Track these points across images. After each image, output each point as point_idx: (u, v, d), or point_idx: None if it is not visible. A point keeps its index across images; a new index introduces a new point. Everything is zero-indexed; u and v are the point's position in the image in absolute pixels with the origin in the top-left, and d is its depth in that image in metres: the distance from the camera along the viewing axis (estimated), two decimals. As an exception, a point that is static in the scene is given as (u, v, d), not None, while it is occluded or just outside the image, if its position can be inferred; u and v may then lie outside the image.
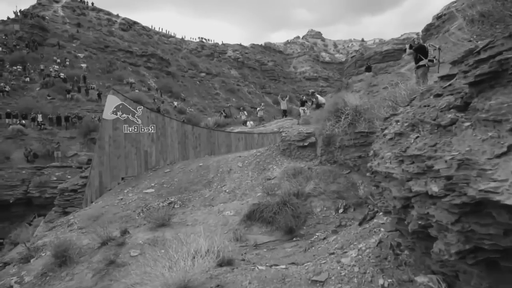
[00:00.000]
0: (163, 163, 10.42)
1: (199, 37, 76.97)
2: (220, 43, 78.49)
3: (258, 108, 21.51)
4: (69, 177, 19.41)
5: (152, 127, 10.44)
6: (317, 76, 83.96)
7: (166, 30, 72.84)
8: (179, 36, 75.33)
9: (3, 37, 40.67)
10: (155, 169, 10.13)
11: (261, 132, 13.02)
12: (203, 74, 60.62)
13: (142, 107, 10.45)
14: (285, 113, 19.32)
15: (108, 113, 9.98)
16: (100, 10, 57.90)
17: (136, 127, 10.24)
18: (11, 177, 18.89)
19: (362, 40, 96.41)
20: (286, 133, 8.66)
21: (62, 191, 10.13)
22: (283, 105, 18.73)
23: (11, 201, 18.07)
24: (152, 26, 68.63)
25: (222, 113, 22.68)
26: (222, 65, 70.80)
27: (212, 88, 58.83)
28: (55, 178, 19.20)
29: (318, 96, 10.91)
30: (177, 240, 3.75)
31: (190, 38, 76.63)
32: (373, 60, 56.08)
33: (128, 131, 10.14)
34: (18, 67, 33.94)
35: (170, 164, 10.34)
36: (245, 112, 19.57)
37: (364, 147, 5.81)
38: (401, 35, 67.29)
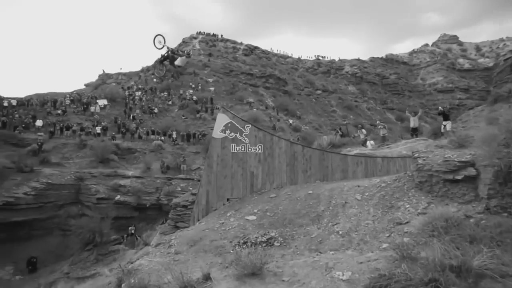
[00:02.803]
0: (269, 186, 9.54)
1: (315, 55, 77.05)
2: (336, 59, 76.27)
3: (379, 126, 18.64)
4: (190, 188, 21.31)
5: (260, 147, 9.78)
6: (453, 87, 70.63)
7: (283, 52, 75.98)
8: (295, 56, 77.26)
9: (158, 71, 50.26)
10: (261, 192, 9.34)
11: (386, 156, 10.68)
12: (319, 92, 59.64)
13: (250, 125, 9.96)
14: (414, 132, 15.99)
15: (217, 132, 9.90)
16: (227, 40, 65.30)
17: (243, 147, 9.79)
18: (149, 185, 22.04)
19: (520, 38, 76.53)
20: (424, 159, 6.39)
21: (175, 206, 10.55)
22: (414, 122, 15.50)
23: (147, 205, 20.99)
24: (271, 49, 72.79)
25: (337, 132, 20.77)
26: (339, 81, 68.23)
27: (328, 105, 57.01)
28: (179, 189, 21.42)
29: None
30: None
31: (307, 57, 77.58)
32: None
33: (235, 150, 9.78)
34: (164, 93, 41.06)
35: (276, 188, 9.37)
36: (363, 130, 17.18)
37: None
38: None
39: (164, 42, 8.25)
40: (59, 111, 30.20)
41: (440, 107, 13.90)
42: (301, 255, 5.14)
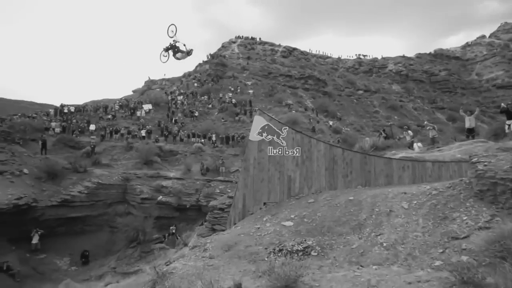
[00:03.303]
0: (307, 191, 9.18)
1: (356, 54, 74.09)
2: (379, 57, 72.65)
3: (427, 127, 17.13)
4: (229, 190, 21.53)
5: (297, 150, 9.47)
6: (516, 81, 63.54)
7: (323, 52, 74.21)
8: (335, 56, 74.99)
9: (198, 75, 52.18)
10: (298, 197, 9.02)
11: (437, 160, 9.72)
12: (360, 92, 57.30)
13: (287, 127, 9.70)
14: (470, 133, 14.46)
15: (254, 134, 9.79)
16: (265, 43, 65.47)
17: (280, 149, 9.55)
18: (189, 186, 22.65)
19: None
20: (485, 164, 5.64)
21: (212, 208, 10.62)
22: (469, 122, 14.04)
23: (187, 206, 21.57)
24: (309, 50, 71.54)
25: (381, 134, 19.54)
26: (382, 80, 64.96)
27: (370, 105, 54.53)
28: (218, 191, 21.72)
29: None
30: None
31: (347, 56, 74.84)
32: None
33: (272, 154, 9.58)
34: (205, 97, 42.22)
35: (314, 193, 8.99)
36: (409, 131, 15.91)
37: None
38: None
39: (175, 33, 8.57)
40: (109, 116, 32.53)
41: (502, 104, 12.41)
42: (340, 268, 4.77)
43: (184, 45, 8.43)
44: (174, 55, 8.50)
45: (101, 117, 32.17)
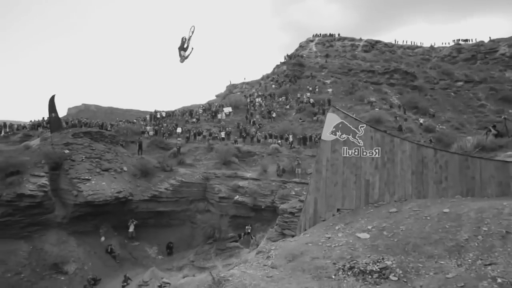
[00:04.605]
0: (389, 198, 7.90)
1: (453, 40, 63.67)
2: (485, 40, 61.03)
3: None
4: (304, 193, 20.74)
5: (377, 151, 8.25)
6: None
7: (411, 42, 66.25)
8: (427, 44, 66.06)
9: (276, 77, 52.65)
10: (377, 205, 7.83)
11: None
12: (460, 83, 49.29)
13: (364, 125, 8.55)
14: None
15: (327, 133, 8.92)
16: (344, 39, 61.98)
17: (356, 150, 8.47)
18: (265, 187, 22.67)
19: None
20: None
21: (282, 212, 10.13)
22: None
23: (262, 207, 21.60)
24: (395, 41, 64.83)
25: (490, 130, 15.95)
26: (490, 67, 54.61)
27: (473, 99, 46.42)
28: (293, 193, 21.13)
29: None
30: None
31: (442, 43, 65.06)
32: None
33: (347, 155, 8.57)
34: (282, 98, 42.26)
35: (397, 201, 7.67)
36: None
37: None
38: None
39: (192, 33, 9.39)
40: (194, 120, 35.29)
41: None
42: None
43: (192, 48, 9.10)
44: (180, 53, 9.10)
45: (187, 121, 35.13)
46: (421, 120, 34.99)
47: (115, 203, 19.05)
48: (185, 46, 9.32)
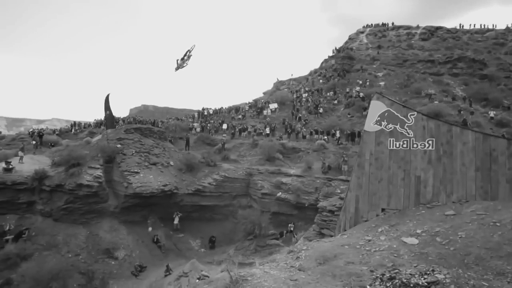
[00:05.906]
0: (445, 198, 6.72)
1: (537, 21, 54.61)
2: None
3: None
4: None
5: (430, 142, 7.09)
6: None
7: (480, 25, 58.70)
8: (501, 27, 57.79)
9: (324, 71, 50.74)
10: (431, 206, 6.71)
11: None
12: (545, 70, 42.33)
13: (415, 113, 7.41)
14: None
15: (370, 123, 7.95)
16: (399, 28, 57.28)
17: (405, 142, 7.39)
18: (309, 184, 21.76)
19: None
20: None
21: (321, 210, 9.36)
22: None
23: (306, 205, 20.73)
24: (460, 26, 58.00)
25: None
26: None
27: None
28: (339, 191, 19.89)
29: None
30: None
31: (520, 24, 56.35)
32: None
33: (394, 147, 7.52)
34: (330, 93, 40.57)
35: (456, 202, 6.47)
36: None
37: None
38: None
39: (192, 49, 10.12)
40: (239, 116, 35.52)
41: None
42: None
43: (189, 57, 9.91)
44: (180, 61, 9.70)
45: (233, 117, 35.51)
46: (492, 113, 30.63)
47: (161, 195, 19.86)
48: (184, 57, 10.22)
